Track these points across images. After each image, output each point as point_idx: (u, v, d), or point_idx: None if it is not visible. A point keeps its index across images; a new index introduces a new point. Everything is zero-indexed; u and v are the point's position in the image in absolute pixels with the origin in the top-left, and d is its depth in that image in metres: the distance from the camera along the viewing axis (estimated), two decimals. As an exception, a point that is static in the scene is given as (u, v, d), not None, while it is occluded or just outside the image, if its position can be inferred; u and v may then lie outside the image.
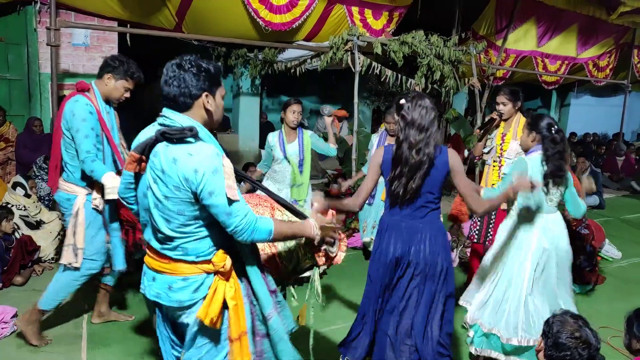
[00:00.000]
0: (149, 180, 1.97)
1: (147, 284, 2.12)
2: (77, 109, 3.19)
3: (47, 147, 6.03)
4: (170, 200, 1.92)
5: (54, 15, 5.36)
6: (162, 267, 2.04)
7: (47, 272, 4.70)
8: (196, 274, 2.02)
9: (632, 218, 8.22)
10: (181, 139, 1.88)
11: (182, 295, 2.02)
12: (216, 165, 1.90)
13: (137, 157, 1.94)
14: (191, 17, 6.73)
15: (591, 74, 11.09)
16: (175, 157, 1.88)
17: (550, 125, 3.24)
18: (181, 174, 1.87)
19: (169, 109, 1.99)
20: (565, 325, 2.08)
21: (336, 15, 7.30)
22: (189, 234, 1.98)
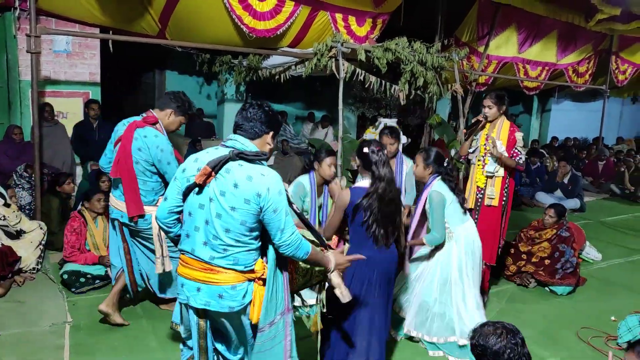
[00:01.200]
0: (213, 192, 2.26)
1: (190, 294, 2.34)
2: (164, 145, 3.56)
3: (27, 155, 5.96)
4: (237, 211, 2.23)
5: (34, 21, 5.29)
6: (208, 277, 2.29)
7: (28, 282, 4.62)
8: (242, 281, 2.31)
9: (612, 220, 8.35)
10: (254, 161, 2.27)
11: (233, 302, 2.29)
12: (281, 187, 2.30)
13: (209, 171, 2.24)
14: (174, 23, 6.70)
15: (571, 80, 11.27)
16: (250, 175, 2.24)
17: (441, 157, 3.76)
18: (254, 190, 2.22)
19: (240, 135, 2.38)
20: (488, 336, 2.11)
21: (320, 22, 7.32)
22: (243, 244, 2.28)
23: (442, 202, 3.61)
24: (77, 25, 6.52)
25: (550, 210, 5.39)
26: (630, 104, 16.45)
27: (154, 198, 3.66)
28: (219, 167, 2.25)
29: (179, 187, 2.40)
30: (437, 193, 3.63)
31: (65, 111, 6.72)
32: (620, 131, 16.39)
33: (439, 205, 3.60)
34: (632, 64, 12.15)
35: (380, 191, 2.96)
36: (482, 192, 4.47)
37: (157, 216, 2.50)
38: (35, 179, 5.47)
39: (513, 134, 4.45)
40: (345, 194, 3.06)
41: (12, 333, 3.71)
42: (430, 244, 3.68)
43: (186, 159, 2.45)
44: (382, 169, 2.99)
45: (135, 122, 3.60)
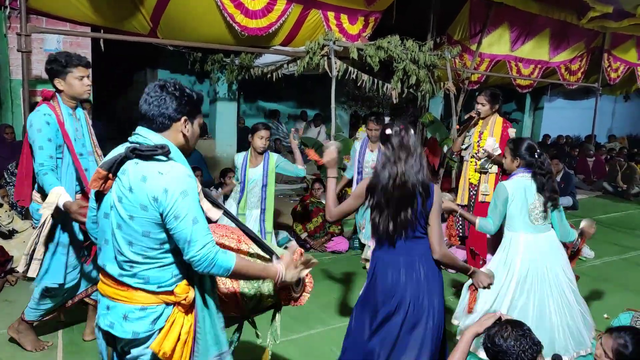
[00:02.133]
0: (113, 199, 1.89)
1: (100, 312, 2.00)
2: (34, 119, 3.11)
3: (18, 154, 5.91)
4: (136, 220, 1.85)
5: (25, 20, 5.27)
6: (118, 294, 1.93)
7: (21, 282, 4.60)
8: (155, 304, 1.92)
9: (604, 218, 8.39)
10: (152, 157, 1.85)
11: (138, 326, 1.91)
12: (186, 187, 1.84)
13: (103, 174, 1.85)
14: (166, 22, 6.68)
15: (563, 78, 11.32)
16: (144, 175, 1.83)
17: (532, 148, 3.34)
18: (150, 193, 1.82)
19: (144, 127, 1.94)
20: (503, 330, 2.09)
21: (312, 20, 7.32)
22: (152, 259, 1.89)
23: (503, 197, 3.35)
24: (68, 24, 6.48)
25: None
26: (623, 102, 16.53)
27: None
28: (116, 168, 1.86)
29: (93, 192, 2.02)
30: (504, 187, 3.37)
31: (56, 110, 6.68)
32: (613, 129, 16.49)
33: (499, 199, 3.36)
34: (624, 62, 12.20)
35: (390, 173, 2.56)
36: (476, 188, 4.49)
37: (87, 227, 2.16)
38: (27, 179, 5.43)
39: (506, 130, 4.48)
40: (364, 182, 2.73)
41: (3, 333, 3.68)
42: (477, 227, 3.45)
43: None
44: (397, 144, 2.58)
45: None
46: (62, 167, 3.20)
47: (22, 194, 3.33)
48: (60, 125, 3.17)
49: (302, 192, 8.33)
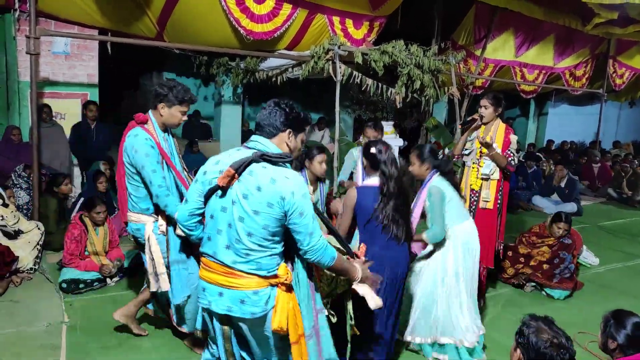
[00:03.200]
0: (236, 195, 2.19)
1: (212, 298, 2.28)
2: (139, 145, 3.17)
3: (25, 156, 5.97)
4: (260, 215, 2.16)
5: (34, 23, 5.31)
6: (230, 282, 2.23)
7: (25, 282, 4.63)
8: (264, 287, 2.24)
9: (609, 225, 8.37)
10: (278, 163, 2.21)
11: (255, 307, 2.23)
12: (306, 190, 2.24)
13: (232, 173, 2.16)
14: (172, 25, 6.73)
15: (568, 84, 11.31)
16: (273, 177, 2.17)
17: (434, 151, 3.73)
18: (278, 193, 2.15)
19: (260, 136, 2.31)
20: (542, 333, 2.09)
21: (317, 25, 7.35)
22: (265, 248, 2.21)
23: (441, 197, 3.53)
24: (76, 27, 6.54)
25: (561, 223, 5.15)
26: (628, 108, 16.49)
27: (148, 206, 3.32)
28: (242, 169, 2.18)
29: (200, 189, 2.33)
30: (436, 188, 3.55)
31: (63, 112, 6.74)
32: (618, 135, 16.44)
33: (438, 200, 3.51)
34: (629, 68, 12.19)
35: (392, 190, 3.01)
36: (477, 195, 4.47)
37: (178, 218, 2.44)
38: (34, 180, 5.48)
39: (508, 136, 4.46)
40: (352, 193, 3.11)
41: (8, 333, 3.72)
42: (431, 241, 3.56)
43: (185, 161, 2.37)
44: (390, 167, 3.04)
45: (130, 123, 3.35)
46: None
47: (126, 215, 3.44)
48: (159, 147, 3.26)
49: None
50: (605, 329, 2.57)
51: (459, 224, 3.66)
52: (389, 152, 3.09)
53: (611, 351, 2.54)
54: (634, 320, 2.51)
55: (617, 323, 2.52)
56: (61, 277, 4.53)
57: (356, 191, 3.12)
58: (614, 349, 2.51)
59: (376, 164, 3.08)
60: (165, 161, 3.28)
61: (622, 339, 2.48)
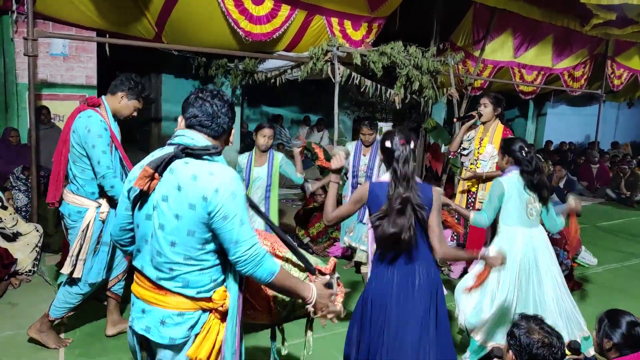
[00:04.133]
0: (156, 199, 1.87)
1: (135, 315, 1.98)
2: (93, 125, 3.24)
3: (23, 157, 5.97)
4: (182, 219, 1.83)
5: (32, 25, 5.31)
6: (155, 298, 1.91)
7: (24, 284, 4.63)
8: (193, 310, 1.91)
9: (607, 225, 8.38)
10: (202, 156, 1.87)
11: (176, 331, 1.89)
12: (235, 189, 1.85)
13: (150, 173, 1.83)
14: (171, 27, 6.73)
15: (567, 84, 11.32)
16: (195, 174, 1.83)
17: (522, 147, 3.45)
18: (200, 192, 1.81)
19: (192, 131, 1.95)
20: (532, 333, 2.08)
21: (316, 26, 7.35)
22: (193, 260, 1.88)
23: (500, 192, 3.41)
24: (74, 29, 6.54)
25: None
26: (626, 109, 16.52)
27: (94, 190, 3.36)
28: (163, 168, 1.85)
29: (126, 201, 1.99)
30: (500, 182, 3.43)
31: (61, 114, 6.73)
32: (616, 136, 16.46)
33: (496, 193, 3.42)
34: (627, 69, 12.21)
35: (402, 190, 2.57)
36: (474, 195, 4.48)
37: (111, 233, 2.15)
38: (32, 182, 5.48)
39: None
40: (364, 188, 2.75)
41: (7, 335, 3.71)
42: (472, 221, 3.49)
43: None
44: (403, 166, 2.60)
45: (79, 106, 3.39)
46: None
47: (57, 195, 3.47)
48: (111, 132, 3.35)
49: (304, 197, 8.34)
50: (600, 329, 2.57)
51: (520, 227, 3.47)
52: (406, 148, 2.64)
53: (606, 351, 2.54)
54: (628, 319, 2.51)
55: (612, 323, 2.53)
56: (60, 279, 4.52)
57: (368, 186, 2.74)
58: (609, 348, 2.52)
59: (390, 159, 2.66)
60: (114, 144, 3.35)
61: (618, 338, 2.48)
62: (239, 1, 6.55)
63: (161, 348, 1.94)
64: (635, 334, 2.45)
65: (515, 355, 2.10)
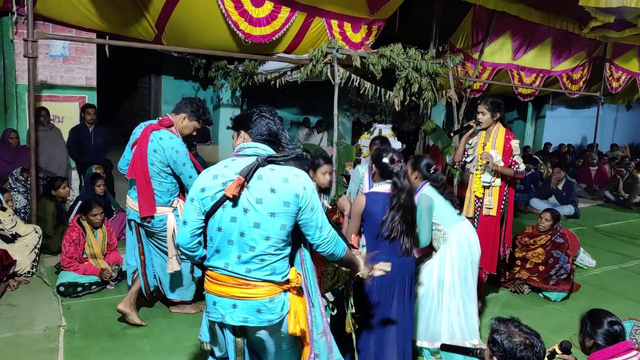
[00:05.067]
0: (248, 202, 2.18)
1: (225, 311, 2.26)
2: (179, 146, 3.65)
3: (23, 159, 5.97)
4: (277, 216, 2.18)
5: (32, 26, 5.31)
6: (244, 293, 2.22)
7: (23, 286, 4.62)
8: (278, 293, 2.25)
9: (606, 227, 8.38)
10: (283, 163, 2.26)
11: (271, 315, 2.23)
12: (313, 186, 2.30)
13: (242, 181, 2.15)
14: (171, 28, 6.74)
15: (565, 87, 11.34)
16: (285, 177, 2.20)
17: (429, 165, 3.77)
18: (292, 191, 2.19)
19: (261, 143, 2.32)
20: (513, 337, 2.09)
21: (316, 28, 7.37)
22: (280, 251, 2.24)
23: (429, 206, 3.59)
24: (74, 30, 6.55)
25: (545, 214, 5.38)
26: (625, 111, 16.55)
27: (169, 199, 3.74)
28: (250, 176, 2.19)
29: (198, 208, 2.27)
30: (425, 197, 3.61)
31: (61, 115, 6.74)
32: (615, 138, 16.49)
33: (426, 208, 3.57)
34: (626, 71, 12.24)
35: (402, 202, 2.99)
36: (481, 201, 4.43)
37: (179, 242, 2.35)
38: (31, 183, 5.48)
39: (509, 142, 4.36)
40: (361, 199, 3.09)
41: (6, 337, 3.71)
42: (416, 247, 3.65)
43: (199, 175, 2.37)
44: (403, 180, 3.03)
45: (151, 125, 3.70)
46: None
47: (149, 210, 3.69)
48: None
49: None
50: (582, 328, 2.68)
51: (454, 225, 3.71)
52: (401, 165, 3.06)
53: (588, 349, 2.65)
54: (609, 319, 2.63)
55: (593, 322, 2.65)
56: (59, 281, 4.52)
57: (365, 197, 3.09)
58: (590, 347, 2.62)
59: (388, 174, 3.06)
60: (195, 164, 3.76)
61: (598, 336, 2.60)
62: (238, 3, 6.56)
63: (260, 330, 2.27)
64: (614, 332, 2.59)
65: (494, 358, 2.10)
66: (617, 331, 2.60)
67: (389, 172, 3.05)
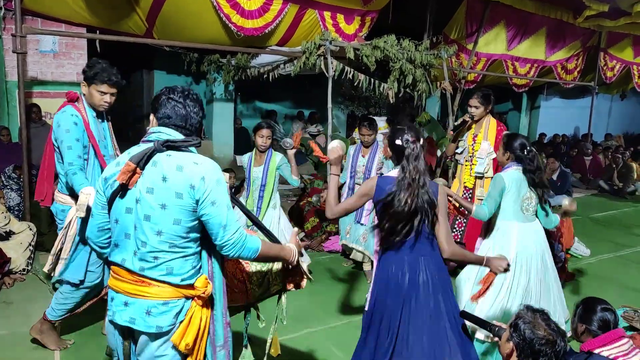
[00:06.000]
0: (140, 192, 1.94)
1: (116, 309, 2.03)
2: (62, 120, 3.16)
3: (15, 156, 5.92)
4: (168, 209, 1.92)
5: (20, 21, 5.25)
6: (137, 290, 1.97)
7: (18, 283, 4.60)
8: (177, 297, 1.99)
9: (600, 216, 8.42)
10: (183, 148, 1.98)
11: (162, 320, 1.96)
12: (219, 176, 1.97)
13: (132, 167, 1.91)
14: (162, 22, 6.67)
15: (560, 77, 11.34)
16: (180, 164, 1.93)
17: (523, 145, 3.47)
18: (187, 181, 1.91)
19: (168, 128, 2.03)
20: (537, 329, 2.07)
21: (308, 20, 7.32)
22: (177, 248, 1.96)
23: (501, 188, 3.44)
24: (64, 25, 6.48)
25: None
26: (619, 101, 16.57)
27: None
28: (145, 162, 1.93)
29: (101, 199, 2.06)
30: (501, 177, 3.46)
31: (52, 112, 6.66)
32: (609, 128, 16.52)
33: (496, 186, 3.45)
34: (620, 61, 12.23)
35: (409, 181, 2.58)
36: (471, 192, 4.45)
37: (88, 236, 2.15)
38: (24, 180, 5.43)
39: (501, 134, 4.37)
40: (371, 182, 2.74)
41: (2, 335, 3.69)
42: (473, 214, 3.50)
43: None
44: (412, 163, 2.60)
45: (63, 103, 3.30)
46: (87, 168, 3.25)
47: (42, 193, 3.39)
48: (86, 126, 3.22)
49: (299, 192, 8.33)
50: (575, 315, 2.70)
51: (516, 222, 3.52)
52: (416, 146, 2.63)
53: (580, 335, 2.66)
54: (602, 306, 2.64)
55: (585, 309, 2.66)
56: (54, 279, 4.49)
57: (376, 180, 2.73)
58: (582, 332, 2.64)
59: (400, 156, 2.67)
60: (91, 144, 3.24)
61: (590, 322, 2.61)
62: (230, -5, 6.50)
63: (148, 337, 2.00)
64: (606, 319, 2.59)
65: (516, 347, 2.09)
66: (609, 318, 2.62)
67: (400, 154, 2.66)
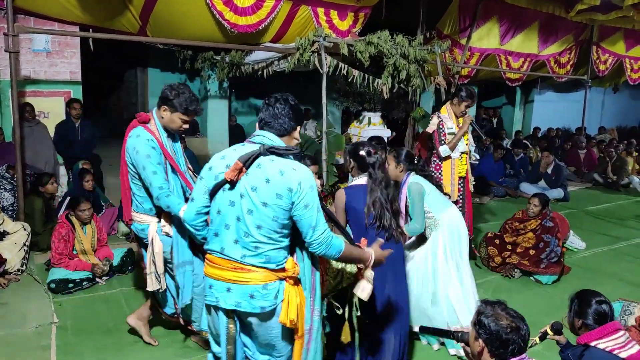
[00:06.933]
0: (245, 188, 2.22)
1: (219, 295, 2.29)
2: (139, 146, 3.13)
3: (8, 156, 5.89)
4: (269, 207, 2.19)
5: (12, 20, 5.21)
6: (239, 277, 2.24)
7: (13, 284, 4.59)
8: (273, 281, 2.26)
9: (595, 209, 8.46)
10: (285, 155, 2.26)
11: (264, 301, 2.25)
12: (313, 182, 2.27)
13: (240, 166, 2.20)
14: (155, 20, 6.64)
15: (553, 71, 11.36)
16: (282, 169, 2.21)
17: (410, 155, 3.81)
18: (286, 185, 2.19)
19: (268, 131, 2.32)
20: (500, 319, 2.10)
21: (302, 17, 7.30)
22: (274, 241, 2.24)
23: (420, 192, 3.68)
24: (56, 24, 6.44)
25: (534, 199, 5.43)
26: (612, 94, 16.63)
27: (151, 206, 3.27)
28: (250, 163, 2.22)
29: (205, 186, 2.34)
30: (416, 184, 3.70)
31: (46, 111, 6.65)
32: (603, 121, 16.58)
33: (417, 195, 3.67)
34: (612, 54, 12.26)
35: (380, 191, 3.00)
36: (463, 181, 4.59)
37: (185, 218, 2.43)
38: (18, 180, 5.41)
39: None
40: (341, 195, 3.11)
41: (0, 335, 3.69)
42: (410, 233, 3.71)
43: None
44: (378, 171, 3.03)
45: (132, 122, 3.30)
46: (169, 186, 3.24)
47: (129, 214, 3.42)
48: (162, 148, 3.22)
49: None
50: (571, 309, 2.72)
51: (444, 212, 3.77)
52: (377, 156, 3.07)
53: (577, 329, 2.69)
54: (597, 299, 2.67)
55: (581, 302, 2.69)
56: (49, 278, 4.49)
57: (344, 192, 3.11)
58: (579, 327, 2.66)
59: (365, 166, 3.08)
60: (169, 163, 3.24)
61: (586, 316, 2.64)
62: (223, -8, 6.48)
63: (252, 316, 2.29)
64: (601, 311, 2.63)
65: (485, 343, 2.11)
66: (605, 310, 2.64)
67: (365, 164, 3.07)
